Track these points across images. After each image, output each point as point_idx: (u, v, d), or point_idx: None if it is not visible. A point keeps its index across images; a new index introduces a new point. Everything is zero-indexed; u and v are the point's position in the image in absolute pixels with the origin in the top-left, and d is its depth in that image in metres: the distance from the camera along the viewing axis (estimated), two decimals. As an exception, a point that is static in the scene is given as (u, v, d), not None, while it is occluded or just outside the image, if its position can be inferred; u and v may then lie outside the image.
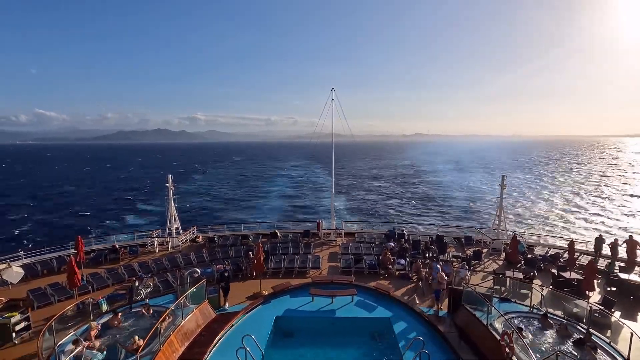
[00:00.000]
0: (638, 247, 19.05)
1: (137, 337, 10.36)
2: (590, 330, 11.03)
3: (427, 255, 20.16)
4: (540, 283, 16.07)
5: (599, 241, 20.17)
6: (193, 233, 25.42)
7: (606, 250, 20.00)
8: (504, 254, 21.00)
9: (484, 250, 21.40)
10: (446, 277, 16.25)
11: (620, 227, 44.61)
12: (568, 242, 18.77)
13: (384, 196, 70.89)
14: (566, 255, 18.98)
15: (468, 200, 65.85)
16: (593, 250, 20.34)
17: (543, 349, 10.59)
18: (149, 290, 15.75)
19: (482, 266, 19.65)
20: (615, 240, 19.89)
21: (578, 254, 19.33)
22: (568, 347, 10.70)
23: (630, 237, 19.58)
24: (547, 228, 45.57)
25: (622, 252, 19.43)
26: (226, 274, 15.58)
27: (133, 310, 12.84)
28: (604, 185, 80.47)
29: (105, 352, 9.98)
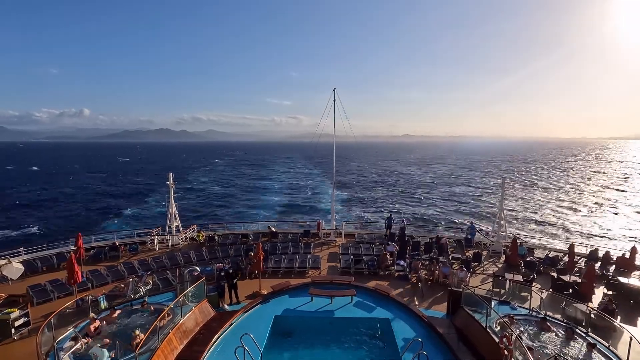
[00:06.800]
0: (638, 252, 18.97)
1: (138, 331, 10.31)
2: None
3: (431, 256, 20.02)
4: (539, 286, 16.05)
5: (593, 253, 20.12)
6: (193, 231, 25.45)
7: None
8: (504, 256, 20.99)
9: (484, 252, 21.39)
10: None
11: (619, 234, 44.47)
12: (568, 245, 18.73)
13: (385, 197, 70.83)
14: (566, 258, 18.96)
15: (468, 201, 65.82)
16: (588, 258, 20.22)
17: (542, 351, 10.58)
18: (148, 288, 15.78)
19: (482, 268, 19.64)
20: (607, 252, 19.75)
21: (578, 258, 19.27)
22: (567, 349, 10.70)
23: (634, 247, 19.41)
24: (548, 231, 45.48)
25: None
26: (232, 271, 15.25)
27: (133, 307, 12.87)
28: (604, 188, 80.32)
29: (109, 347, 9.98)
